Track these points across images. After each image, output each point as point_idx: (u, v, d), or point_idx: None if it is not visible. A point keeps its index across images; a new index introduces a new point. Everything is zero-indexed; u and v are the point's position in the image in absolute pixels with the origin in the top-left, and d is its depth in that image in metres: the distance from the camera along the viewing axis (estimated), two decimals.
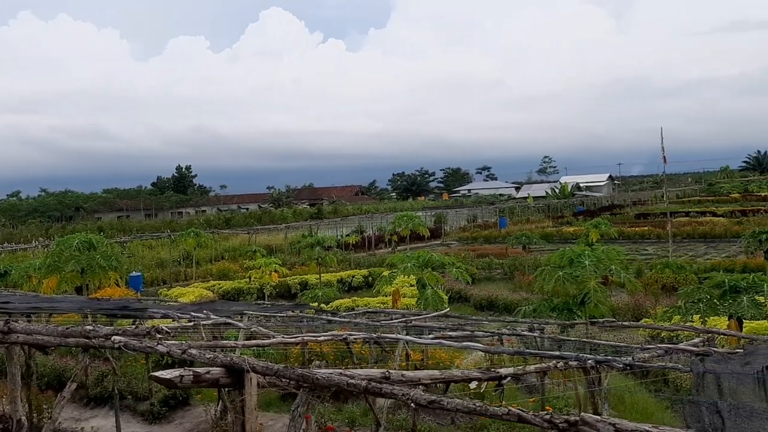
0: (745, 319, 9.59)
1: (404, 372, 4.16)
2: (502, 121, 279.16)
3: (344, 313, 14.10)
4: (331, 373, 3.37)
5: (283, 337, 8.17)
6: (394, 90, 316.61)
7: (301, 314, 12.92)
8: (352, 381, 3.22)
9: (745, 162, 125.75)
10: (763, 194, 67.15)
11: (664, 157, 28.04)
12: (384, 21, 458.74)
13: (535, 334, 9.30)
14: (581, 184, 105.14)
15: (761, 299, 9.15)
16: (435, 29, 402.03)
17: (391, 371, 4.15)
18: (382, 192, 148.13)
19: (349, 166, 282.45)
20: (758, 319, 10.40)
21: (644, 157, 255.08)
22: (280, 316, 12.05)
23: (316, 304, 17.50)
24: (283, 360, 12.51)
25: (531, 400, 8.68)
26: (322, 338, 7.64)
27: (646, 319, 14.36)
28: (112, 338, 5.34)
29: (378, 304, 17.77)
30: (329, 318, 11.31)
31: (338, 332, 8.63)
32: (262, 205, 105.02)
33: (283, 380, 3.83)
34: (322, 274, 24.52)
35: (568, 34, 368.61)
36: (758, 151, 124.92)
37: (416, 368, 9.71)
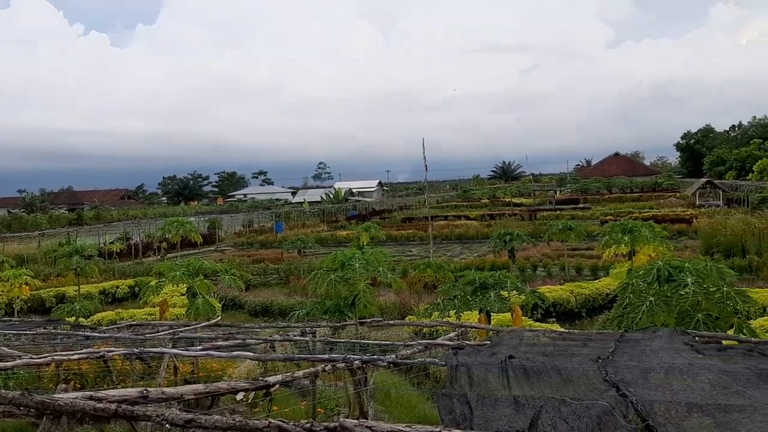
0: (493, 312, 10.63)
1: (165, 389, 3.90)
2: (278, 125, 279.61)
3: (106, 328, 13.08)
4: (76, 398, 3.01)
5: (31, 358, 7.29)
6: (166, 90, 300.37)
7: (54, 331, 11.77)
8: (100, 405, 2.91)
9: (493, 171, 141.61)
10: (507, 200, 75.51)
11: (426, 165, 30.20)
12: (153, 17, 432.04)
13: (306, 338, 9.39)
14: (354, 190, 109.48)
15: (505, 294, 10.22)
16: (209, 29, 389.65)
17: (149, 389, 3.87)
18: (151, 196, 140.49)
19: (116, 168, 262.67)
20: (504, 312, 11.61)
21: (410, 165, 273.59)
22: (30, 334, 10.82)
23: (74, 318, 15.94)
24: (36, 382, 11.22)
25: (302, 403, 8.73)
26: (76, 356, 6.93)
27: (411, 317, 15.29)
28: None
29: (145, 316, 16.79)
30: (87, 333, 10.37)
31: (95, 349, 7.91)
32: (12, 210, 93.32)
33: (21, 408, 3.36)
34: (81, 286, 22.43)
35: (343, 44, 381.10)
36: (503, 161, 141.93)
37: (186, 382, 9.28)
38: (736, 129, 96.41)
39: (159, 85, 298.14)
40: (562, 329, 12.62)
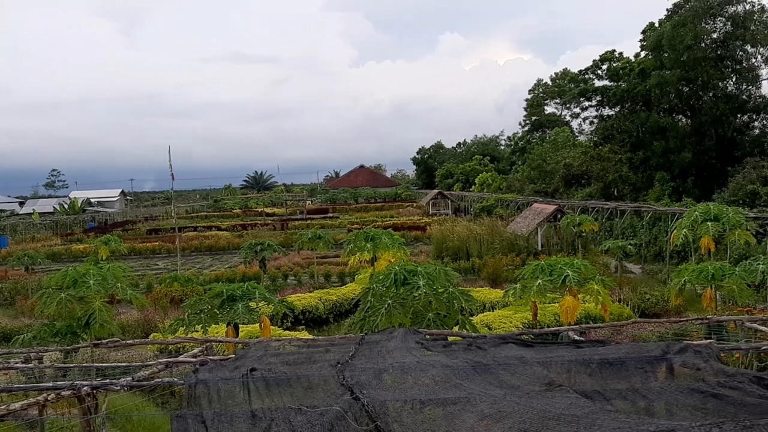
0: (242, 324, 10.49)
1: None
2: (3, 128, 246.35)
3: None
4: None
5: None
6: None
7: None
8: None
9: (245, 181, 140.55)
10: (260, 210, 75.48)
11: (172, 174, 29.03)
12: None
13: (31, 365, 8.38)
14: (93, 200, 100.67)
15: (254, 305, 10.16)
16: None
17: None
18: None
19: None
20: (253, 323, 11.53)
21: (156, 173, 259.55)
22: None
23: None
24: None
25: None
26: None
27: (155, 334, 14.50)
28: None
29: None
30: None
31: None
32: None
33: None
34: None
35: (78, 43, 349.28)
36: (255, 171, 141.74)
37: None
38: (462, 146, 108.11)
39: None
40: (310, 336, 12.95)
